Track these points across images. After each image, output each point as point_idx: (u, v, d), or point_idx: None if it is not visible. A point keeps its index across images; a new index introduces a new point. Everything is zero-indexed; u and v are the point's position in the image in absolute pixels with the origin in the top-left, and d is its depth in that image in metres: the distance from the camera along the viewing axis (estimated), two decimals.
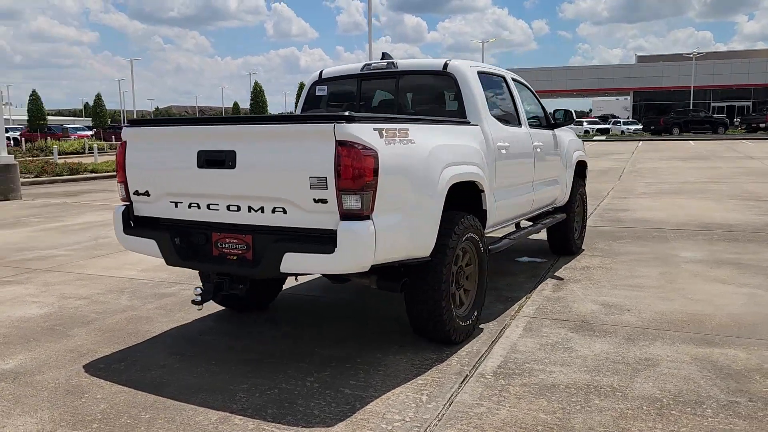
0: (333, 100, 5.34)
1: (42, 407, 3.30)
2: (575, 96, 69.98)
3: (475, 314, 4.34)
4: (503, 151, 4.86)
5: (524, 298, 5.24)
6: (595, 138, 43.80)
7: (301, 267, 3.44)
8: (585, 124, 50.63)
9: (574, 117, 6.39)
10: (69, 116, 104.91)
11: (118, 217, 4.07)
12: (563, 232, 6.78)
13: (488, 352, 4.04)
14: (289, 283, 5.55)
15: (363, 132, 3.30)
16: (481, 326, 4.51)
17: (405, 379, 3.62)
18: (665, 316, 4.70)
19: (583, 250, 7.20)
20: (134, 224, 4.08)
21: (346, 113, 3.29)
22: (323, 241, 3.34)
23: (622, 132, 49.05)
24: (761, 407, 3.17)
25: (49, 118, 74.22)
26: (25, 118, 69.61)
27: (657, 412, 3.15)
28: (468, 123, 4.61)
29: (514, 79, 5.68)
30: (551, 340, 4.25)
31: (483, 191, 4.43)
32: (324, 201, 3.30)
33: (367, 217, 3.30)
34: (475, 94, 4.71)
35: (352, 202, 3.26)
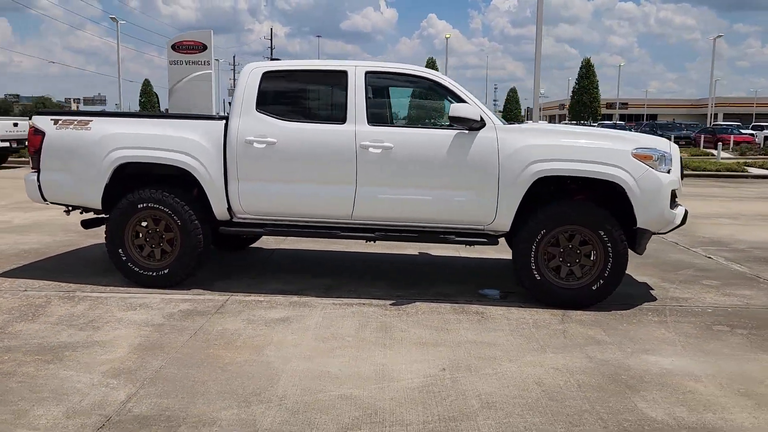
0: None
1: None
2: None
3: (166, 271, 5.27)
4: (259, 145, 5.14)
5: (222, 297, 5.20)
6: None
7: None
8: None
9: (454, 112, 4.92)
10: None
11: None
12: (515, 261, 5.24)
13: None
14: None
15: (39, 121, 5.33)
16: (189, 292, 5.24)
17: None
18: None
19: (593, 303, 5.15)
20: None
21: (38, 110, 5.40)
22: None
23: None
24: None
25: None
26: None
27: None
28: (208, 118, 5.48)
29: (372, 73, 5.30)
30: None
31: (194, 175, 5.19)
32: None
33: (36, 171, 5.34)
34: (238, 92, 5.31)
35: (32, 162, 5.41)
